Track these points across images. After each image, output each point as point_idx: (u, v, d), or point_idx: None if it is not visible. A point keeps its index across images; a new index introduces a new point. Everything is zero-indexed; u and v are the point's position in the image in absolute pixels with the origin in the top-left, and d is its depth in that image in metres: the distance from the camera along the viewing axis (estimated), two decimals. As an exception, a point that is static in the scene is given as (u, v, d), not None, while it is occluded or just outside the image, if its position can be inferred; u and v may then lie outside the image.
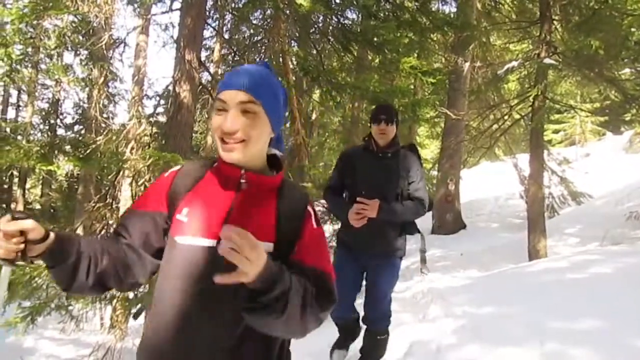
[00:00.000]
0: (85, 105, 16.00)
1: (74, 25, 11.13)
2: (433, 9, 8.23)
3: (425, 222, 13.45)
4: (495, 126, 10.20)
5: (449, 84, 12.07)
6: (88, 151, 6.12)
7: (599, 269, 4.81)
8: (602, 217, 9.44)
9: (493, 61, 12.13)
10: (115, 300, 5.56)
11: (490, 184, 18.33)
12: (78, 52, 11.71)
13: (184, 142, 6.25)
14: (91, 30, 8.22)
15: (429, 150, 25.66)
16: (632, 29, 7.47)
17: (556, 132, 24.15)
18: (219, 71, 14.17)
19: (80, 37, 11.02)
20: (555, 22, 8.33)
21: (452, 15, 10.39)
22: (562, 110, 19.88)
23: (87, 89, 14.09)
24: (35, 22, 6.90)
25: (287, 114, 10.51)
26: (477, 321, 3.97)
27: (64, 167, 6.21)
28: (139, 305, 5.41)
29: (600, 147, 21.58)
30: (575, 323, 3.42)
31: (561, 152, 13.91)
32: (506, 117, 10.11)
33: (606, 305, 3.70)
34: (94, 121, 9.26)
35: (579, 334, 3.24)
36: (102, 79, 9.38)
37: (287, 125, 13.39)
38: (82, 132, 16.73)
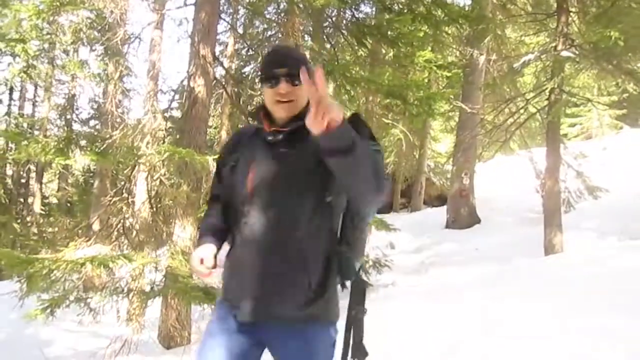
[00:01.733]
0: (101, 100, 16.13)
1: (89, 20, 11.21)
2: (448, 2, 8.16)
3: (439, 216, 13.42)
4: (510, 120, 10.11)
5: (464, 78, 11.98)
6: (104, 146, 6.17)
7: (617, 264, 4.77)
8: (620, 211, 9.34)
9: (508, 54, 12.01)
10: (132, 294, 5.62)
11: (505, 178, 18.18)
12: (93, 48, 11.81)
13: (198, 136, 6.28)
14: (106, 26, 8.27)
15: (443, 144, 25.54)
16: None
17: (572, 126, 23.89)
18: (233, 66, 14.21)
19: (96, 33, 11.09)
20: (572, 14, 8.22)
21: (466, 8, 10.31)
22: (579, 104, 19.64)
23: (102, 84, 14.21)
24: (51, 18, 6.96)
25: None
26: (493, 316, 3.95)
27: (80, 161, 6.28)
28: (155, 297, 5.46)
29: (617, 140, 21.28)
30: (595, 318, 3.39)
31: (578, 146, 13.75)
32: (522, 111, 10.01)
33: (626, 300, 3.66)
34: (109, 116, 9.33)
35: (599, 329, 3.21)
36: (118, 74, 9.45)
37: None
38: (98, 126, 16.90)
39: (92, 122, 18.93)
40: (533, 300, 4.15)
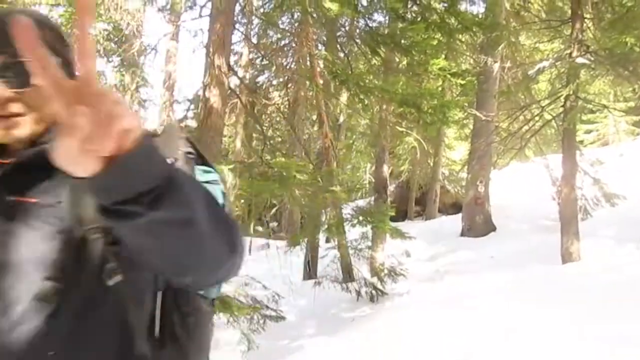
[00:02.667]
0: (117, 112, 16.31)
1: (106, 32, 11.39)
2: (461, 10, 8.18)
3: (454, 224, 13.35)
4: (525, 127, 10.05)
5: (478, 85, 11.94)
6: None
7: (635, 271, 4.72)
8: (638, 218, 9.22)
9: (523, 61, 11.96)
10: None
11: (520, 185, 18.03)
12: (110, 59, 11.98)
13: (214, 146, 6.32)
14: (123, 38, 8.41)
15: (458, 152, 25.41)
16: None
17: (588, 132, 23.66)
18: (247, 76, 14.31)
19: (113, 45, 11.27)
20: (587, 20, 8.19)
21: (480, 16, 10.30)
22: (594, 110, 19.46)
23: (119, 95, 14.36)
24: (69, 31, 7.10)
25: (315, 117, 10.45)
26: (511, 324, 3.93)
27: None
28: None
29: (634, 147, 21.03)
30: (612, 325, 3.36)
31: (594, 153, 13.63)
32: (537, 118, 9.95)
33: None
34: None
35: (617, 337, 3.18)
36: (134, 84, 9.58)
37: (315, 128, 13.45)
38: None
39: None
40: (550, 307, 4.12)
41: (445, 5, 7.24)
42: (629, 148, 21.10)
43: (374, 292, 8.20)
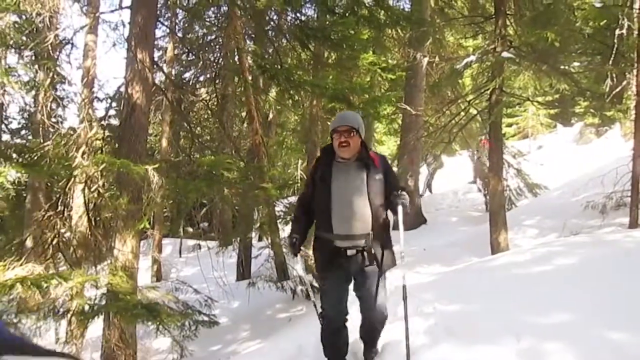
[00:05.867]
0: (32, 110, 15.34)
1: (17, 25, 10.58)
2: (390, 4, 8.20)
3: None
4: (452, 122, 10.25)
5: (406, 80, 12.11)
6: (35, 157, 5.79)
7: (563, 261, 4.84)
8: (559, 208, 9.62)
9: (450, 56, 12.23)
10: (70, 314, 5.28)
11: (448, 178, 18.56)
12: (21, 54, 11.15)
13: (138, 145, 5.99)
14: (35, 30, 7.82)
15: (387, 147, 25.84)
16: (583, 26, 7.66)
17: (509, 125, 24.69)
18: (173, 71, 13.81)
19: (24, 38, 10.50)
20: (509, 16, 8.42)
21: (406, 11, 10.41)
22: (515, 104, 20.28)
23: (33, 92, 13.47)
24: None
25: (244, 114, 10.18)
26: (448, 319, 3.91)
27: (8, 173, 5.84)
28: (95, 317, 5.13)
29: (552, 139, 22.17)
30: (547, 317, 3.39)
31: (515, 145, 14.20)
32: (462, 113, 10.18)
33: (575, 297, 3.69)
34: (41, 125, 8.82)
35: (553, 327, 3.21)
36: (49, 80, 8.95)
37: (245, 125, 13.17)
38: (29, 137, 16.07)
39: (22, 133, 17.98)
40: (487, 300, 4.14)
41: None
42: (547, 140, 22.24)
43: (309, 289, 8.09)
